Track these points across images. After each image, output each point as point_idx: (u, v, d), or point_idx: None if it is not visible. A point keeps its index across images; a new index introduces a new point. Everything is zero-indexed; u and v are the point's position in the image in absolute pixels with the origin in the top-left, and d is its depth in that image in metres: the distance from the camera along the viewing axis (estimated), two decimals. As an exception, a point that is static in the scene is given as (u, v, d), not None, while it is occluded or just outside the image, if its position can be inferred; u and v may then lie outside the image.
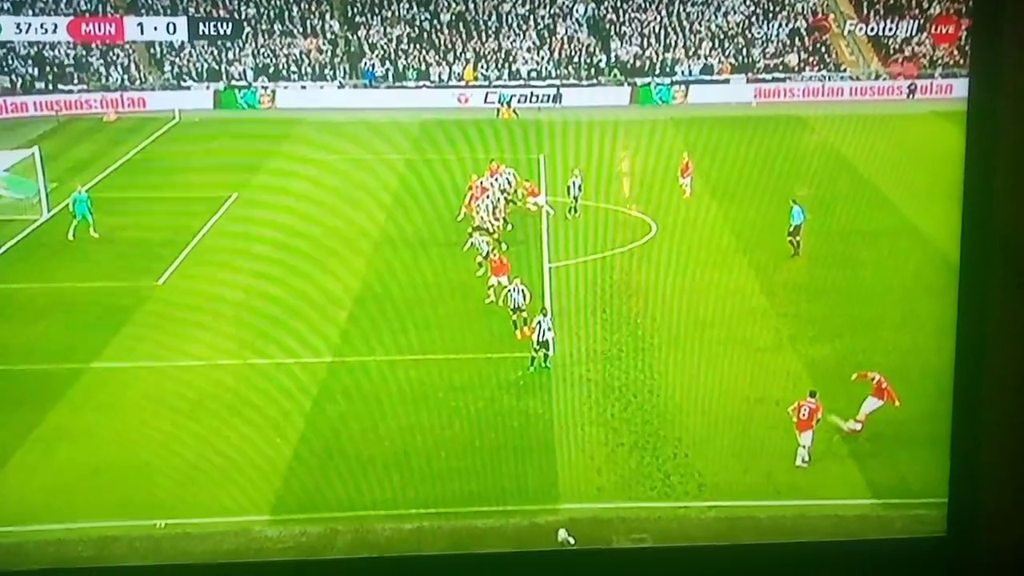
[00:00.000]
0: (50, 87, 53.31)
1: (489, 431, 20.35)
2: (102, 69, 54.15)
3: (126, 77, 54.52)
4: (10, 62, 53.26)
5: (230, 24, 43.05)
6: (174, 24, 40.94)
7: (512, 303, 24.50)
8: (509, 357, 23.46)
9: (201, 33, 40.41)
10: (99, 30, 39.58)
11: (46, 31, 38.76)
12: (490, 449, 19.72)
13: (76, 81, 53.96)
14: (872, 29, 56.44)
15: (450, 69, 56.14)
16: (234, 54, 55.59)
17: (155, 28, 40.31)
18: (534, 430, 20.40)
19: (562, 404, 21.46)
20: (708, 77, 55.49)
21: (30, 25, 40.19)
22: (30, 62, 53.40)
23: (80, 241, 31.31)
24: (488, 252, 27.86)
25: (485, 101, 52.93)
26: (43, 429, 20.52)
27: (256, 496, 18.29)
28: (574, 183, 33.50)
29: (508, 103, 53.24)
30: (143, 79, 54.80)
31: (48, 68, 53.56)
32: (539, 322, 22.68)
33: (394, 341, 24.51)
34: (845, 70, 56.30)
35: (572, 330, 24.54)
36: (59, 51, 53.89)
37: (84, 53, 54.21)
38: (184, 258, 30.55)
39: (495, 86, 54.91)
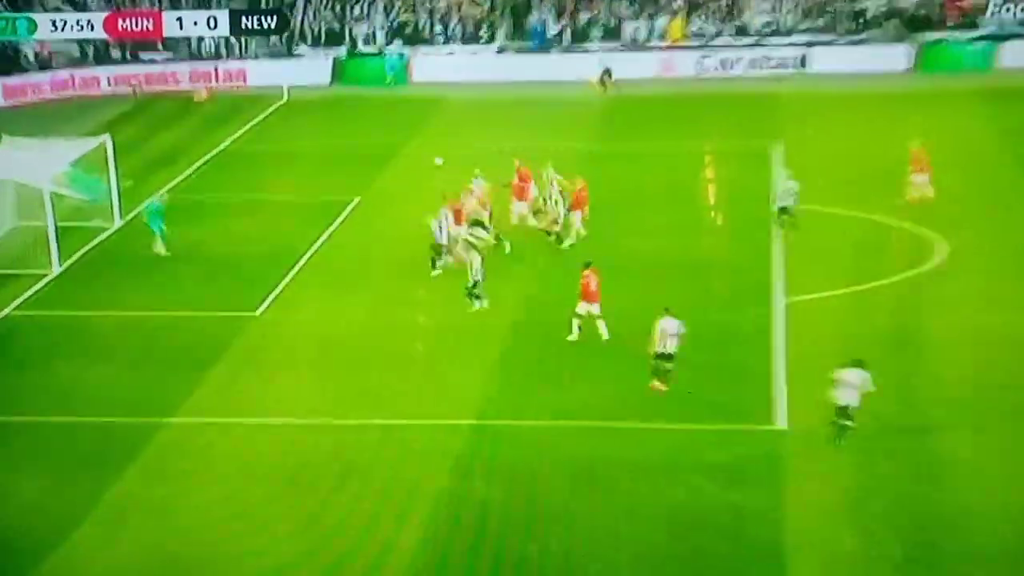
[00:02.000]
0: (127, 56, 57.60)
1: (691, 532, 20.58)
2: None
3: (222, 43, 58.15)
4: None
5: (275, 17, 49.70)
6: (215, 18, 49.04)
7: (661, 346, 25.01)
8: (715, 430, 23.74)
9: (244, 27, 48.81)
10: (136, 26, 48.01)
11: (82, 28, 47.84)
12: (693, 558, 19.93)
13: (159, 48, 57.98)
14: None
15: (651, 24, 57.02)
16: (361, 10, 58.41)
17: (195, 23, 48.83)
18: (756, 534, 20.48)
19: (796, 498, 21.42)
20: (1034, 29, 53.54)
21: (66, 22, 49.02)
22: (104, 25, 57.86)
23: (165, 257, 33.87)
24: (477, 279, 29.14)
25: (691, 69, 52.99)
26: (110, 500, 22.30)
27: (373, 603, 19.33)
28: (787, 189, 33.56)
29: (608, 74, 52.65)
30: (243, 46, 58.32)
31: (126, 32, 57.83)
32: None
33: (556, 399, 25.27)
34: None
35: (814, 391, 24.59)
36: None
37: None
38: (289, 281, 32.39)
39: (713, 47, 55.36)
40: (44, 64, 55.22)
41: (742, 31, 55.90)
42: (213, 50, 57.30)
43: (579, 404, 25.00)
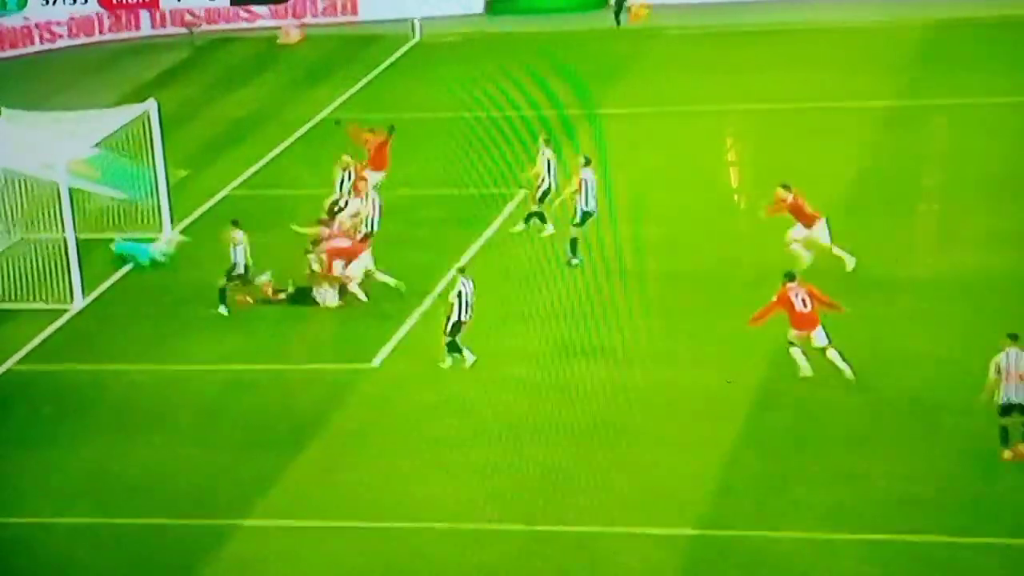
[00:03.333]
0: (180, -17, 60.84)
1: None
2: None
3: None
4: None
5: None
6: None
7: (1008, 393, 25.89)
8: None
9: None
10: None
11: (74, 1, 58.36)
12: None
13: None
14: None
15: None
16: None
17: (194, -8, 60.84)
18: None
19: None
20: None
21: None
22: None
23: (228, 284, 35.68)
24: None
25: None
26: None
27: None
28: None
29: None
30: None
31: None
32: None
33: (824, 496, 26.02)
34: None
35: None
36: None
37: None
38: (420, 317, 34.05)
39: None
40: (57, -8, 58.83)
41: None
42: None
43: (861, 503, 25.85)
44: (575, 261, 35.51)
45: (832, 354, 29.34)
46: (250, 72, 53.74)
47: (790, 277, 29.78)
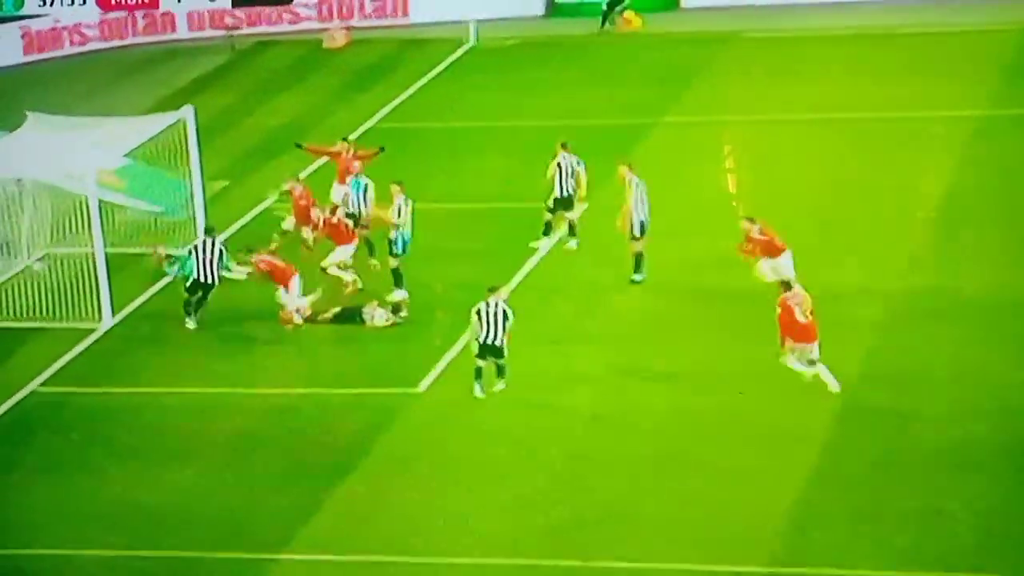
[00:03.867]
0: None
1: None
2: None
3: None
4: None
5: None
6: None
7: None
8: None
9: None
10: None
11: (72, 2, 60.13)
12: None
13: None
14: None
15: None
16: None
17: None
18: None
19: None
20: None
21: None
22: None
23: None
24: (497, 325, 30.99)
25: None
26: None
27: None
28: None
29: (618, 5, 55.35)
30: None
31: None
32: None
33: (906, 535, 25.92)
34: None
35: None
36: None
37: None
38: (468, 340, 33.74)
39: None
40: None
41: None
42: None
43: (944, 540, 25.72)
44: (638, 278, 35.48)
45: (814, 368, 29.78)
46: (293, 78, 54.03)
47: (787, 286, 29.98)
